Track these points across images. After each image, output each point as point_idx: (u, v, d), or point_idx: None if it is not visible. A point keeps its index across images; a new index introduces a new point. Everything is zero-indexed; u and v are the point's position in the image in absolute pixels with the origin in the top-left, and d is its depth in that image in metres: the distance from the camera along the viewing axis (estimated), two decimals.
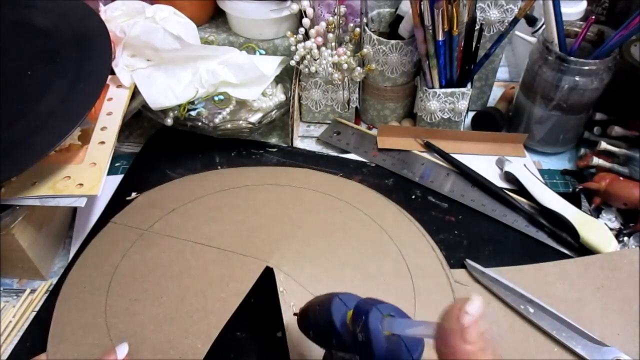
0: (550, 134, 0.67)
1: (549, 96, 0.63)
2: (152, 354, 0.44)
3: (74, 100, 0.51)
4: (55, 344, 0.46)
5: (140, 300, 0.48)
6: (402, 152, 0.68)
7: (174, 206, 0.57)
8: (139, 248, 0.52)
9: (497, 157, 0.67)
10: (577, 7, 0.73)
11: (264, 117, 0.67)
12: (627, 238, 0.58)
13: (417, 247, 0.55)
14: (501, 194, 0.62)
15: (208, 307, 0.46)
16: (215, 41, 0.73)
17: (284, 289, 0.47)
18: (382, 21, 0.70)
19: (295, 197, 0.59)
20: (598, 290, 0.52)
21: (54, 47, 0.55)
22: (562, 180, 0.66)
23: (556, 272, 0.54)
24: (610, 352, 0.46)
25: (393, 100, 0.71)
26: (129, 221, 0.56)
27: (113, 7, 0.66)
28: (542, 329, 0.48)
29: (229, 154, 0.68)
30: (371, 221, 0.56)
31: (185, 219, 0.56)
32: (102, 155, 0.54)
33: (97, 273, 0.51)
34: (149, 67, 0.63)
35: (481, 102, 0.76)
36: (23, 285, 0.55)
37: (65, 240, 0.59)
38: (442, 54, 0.62)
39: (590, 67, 0.59)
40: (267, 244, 0.51)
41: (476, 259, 0.55)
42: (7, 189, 0.50)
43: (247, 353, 0.48)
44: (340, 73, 0.67)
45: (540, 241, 0.58)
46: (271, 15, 0.69)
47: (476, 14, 0.63)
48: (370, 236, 0.55)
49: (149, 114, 0.65)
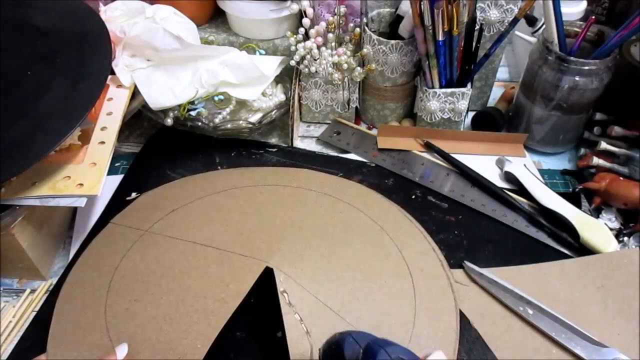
0: (550, 134, 0.67)
1: (549, 96, 0.63)
2: (152, 355, 0.44)
3: (74, 100, 0.51)
4: (55, 344, 0.46)
5: (140, 300, 0.48)
6: (402, 152, 0.68)
7: (173, 207, 0.57)
8: (139, 249, 0.52)
9: (497, 157, 0.67)
10: (577, 7, 0.73)
11: (264, 117, 0.67)
12: (627, 238, 0.58)
13: (418, 248, 0.55)
14: (501, 194, 0.62)
15: (208, 307, 0.46)
16: (215, 41, 0.73)
17: (284, 290, 0.47)
18: (382, 21, 0.70)
19: (295, 197, 0.59)
20: (598, 290, 0.52)
21: (54, 47, 0.55)
22: (562, 180, 0.66)
23: (556, 272, 0.54)
24: (609, 353, 0.46)
25: (393, 100, 0.71)
26: (129, 222, 0.56)
27: (113, 7, 0.66)
28: (541, 331, 0.48)
29: (229, 154, 0.68)
30: (372, 222, 0.56)
31: (185, 219, 0.56)
32: (102, 155, 0.54)
33: (97, 274, 0.51)
34: (149, 67, 0.63)
35: (481, 102, 0.76)
36: (23, 285, 0.55)
37: (65, 240, 0.59)
38: (442, 54, 0.62)
39: (590, 67, 0.59)
40: (267, 245, 0.52)
41: (476, 259, 0.55)
42: (7, 189, 0.50)
43: (247, 353, 0.48)
44: (340, 73, 0.67)
45: (540, 241, 0.58)
46: (271, 15, 0.69)
47: (476, 14, 0.63)
48: (371, 237, 0.55)
49: (149, 114, 0.65)
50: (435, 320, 0.48)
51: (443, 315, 0.49)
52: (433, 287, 0.51)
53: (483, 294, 0.52)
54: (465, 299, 0.51)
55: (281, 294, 0.47)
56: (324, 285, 0.48)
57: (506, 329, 0.49)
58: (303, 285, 0.48)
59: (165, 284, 0.49)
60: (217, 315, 0.45)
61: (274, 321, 0.47)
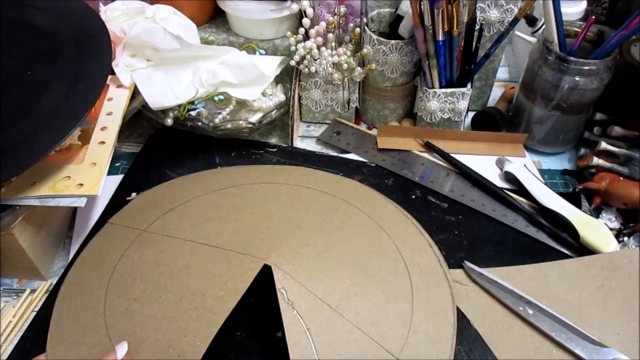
0: (550, 134, 0.67)
1: (549, 96, 0.63)
2: (151, 353, 0.44)
3: (74, 100, 0.51)
4: (54, 344, 0.46)
5: (138, 299, 0.48)
6: (402, 152, 0.68)
7: (170, 206, 0.57)
8: (136, 248, 0.52)
9: (497, 157, 0.67)
10: (577, 7, 0.73)
11: (264, 117, 0.67)
12: (627, 238, 0.58)
13: (415, 244, 0.55)
14: (501, 194, 0.62)
15: (207, 305, 0.46)
16: (215, 41, 0.73)
17: (282, 287, 0.47)
18: (382, 21, 0.70)
19: (292, 195, 0.59)
20: (598, 290, 0.52)
21: (54, 47, 0.55)
22: (562, 180, 0.66)
23: (556, 272, 0.54)
24: (609, 353, 0.46)
25: (393, 100, 0.71)
26: (126, 221, 0.56)
27: (113, 7, 0.66)
28: (541, 331, 0.48)
29: (229, 154, 0.68)
30: (369, 219, 0.56)
31: (182, 218, 0.56)
32: (102, 155, 0.54)
33: (96, 274, 0.51)
34: (149, 67, 0.63)
35: (481, 102, 0.76)
36: (23, 285, 0.55)
37: (65, 240, 0.59)
38: (442, 54, 0.62)
39: (590, 67, 0.59)
40: (265, 243, 0.51)
41: (476, 259, 0.55)
42: (7, 189, 0.50)
43: (247, 353, 0.48)
44: (340, 73, 0.67)
45: (540, 241, 0.58)
46: (271, 15, 0.69)
47: (476, 14, 0.63)
48: (368, 234, 0.55)
49: (149, 114, 0.65)
50: (432, 315, 0.48)
51: (440, 310, 0.49)
52: (430, 283, 0.51)
53: (483, 294, 0.52)
54: (465, 299, 0.51)
55: (279, 292, 0.47)
56: (322, 282, 0.48)
57: (506, 329, 0.49)
58: (301, 282, 0.48)
59: (164, 282, 0.49)
60: (216, 313, 0.45)
61: (273, 321, 0.47)
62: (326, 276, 0.49)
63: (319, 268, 0.50)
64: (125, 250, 0.52)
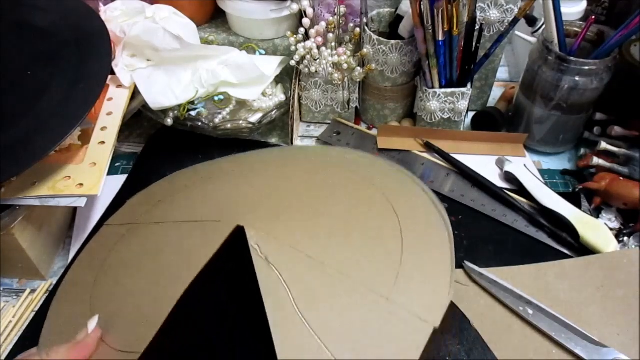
0: (550, 134, 0.67)
1: (549, 96, 0.63)
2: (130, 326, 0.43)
3: (74, 100, 0.51)
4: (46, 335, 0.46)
5: (120, 284, 0.48)
6: (402, 152, 0.68)
7: (160, 198, 0.57)
8: (125, 241, 0.52)
9: (497, 157, 0.67)
10: (577, 7, 0.73)
11: (264, 117, 0.67)
12: (627, 238, 0.58)
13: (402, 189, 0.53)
14: (501, 194, 0.62)
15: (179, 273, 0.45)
16: (215, 41, 0.73)
17: (255, 244, 0.45)
18: (382, 21, 0.70)
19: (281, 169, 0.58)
20: (598, 290, 0.52)
21: (54, 47, 0.55)
22: (562, 180, 0.66)
23: (556, 272, 0.54)
24: (609, 353, 0.46)
25: (393, 100, 0.71)
26: (120, 220, 0.56)
27: (113, 7, 0.66)
28: (541, 331, 0.48)
29: (229, 154, 0.68)
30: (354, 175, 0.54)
31: (171, 206, 0.55)
32: (102, 155, 0.54)
33: (88, 271, 0.51)
34: (149, 67, 0.63)
35: (481, 102, 0.76)
36: (23, 285, 0.55)
37: (65, 240, 0.59)
38: (442, 54, 0.62)
39: (590, 67, 0.59)
40: (242, 208, 0.50)
41: (476, 259, 0.55)
42: (7, 189, 0.50)
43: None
44: (340, 73, 0.67)
45: (540, 241, 0.58)
46: (271, 15, 0.69)
47: (476, 14, 0.63)
48: (353, 187, 0.53)
49: (149, 114, 0.65)
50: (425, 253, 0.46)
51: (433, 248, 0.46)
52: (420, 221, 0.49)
53: (483, 294, 0.52)
54: (465, 299, 0.51)
55: (252, 248, 0.44)
56: (300, 234, 0.46)
57: (506, 329, 0.49)
58: (276, 236, 0.45)
59: (145, 265, 0.48)
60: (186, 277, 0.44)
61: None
62: (304, 229, 0.47)
63: (297, 224, 0.48)
64: (115, 244, 0.52)
